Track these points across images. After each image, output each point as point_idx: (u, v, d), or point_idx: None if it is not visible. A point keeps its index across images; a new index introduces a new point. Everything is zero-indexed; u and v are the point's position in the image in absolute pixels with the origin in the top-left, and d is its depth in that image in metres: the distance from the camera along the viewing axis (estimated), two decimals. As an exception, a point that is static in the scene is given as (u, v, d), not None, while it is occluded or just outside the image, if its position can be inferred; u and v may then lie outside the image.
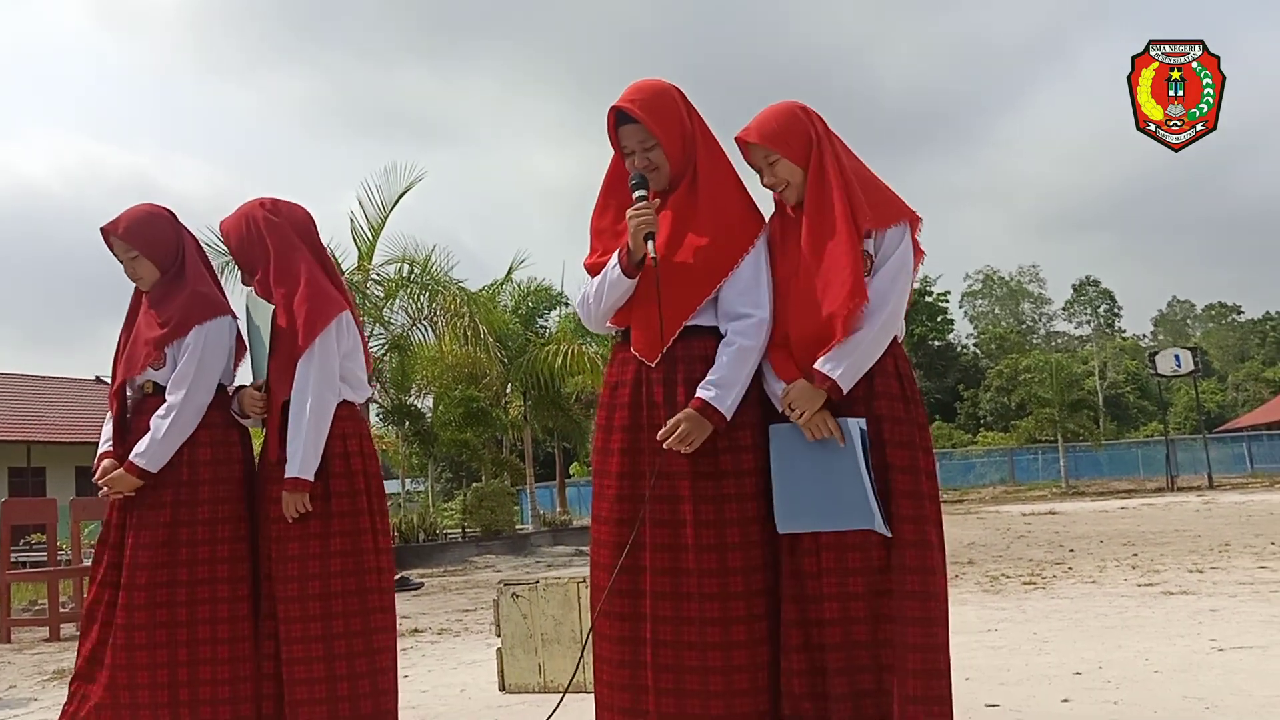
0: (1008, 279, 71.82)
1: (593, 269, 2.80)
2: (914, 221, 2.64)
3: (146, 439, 3.12)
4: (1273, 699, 3.41)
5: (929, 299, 53.18)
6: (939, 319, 54.13)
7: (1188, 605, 5.64)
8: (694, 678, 2.52)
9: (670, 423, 2.55)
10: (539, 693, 4.23)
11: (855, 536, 2.50)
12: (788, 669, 2.54)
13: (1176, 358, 29.05)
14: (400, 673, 5.16)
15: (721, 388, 2.57)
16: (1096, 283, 69.28)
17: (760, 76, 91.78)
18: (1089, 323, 68.35)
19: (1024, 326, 69.45)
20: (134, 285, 3.36)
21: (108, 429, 3.28)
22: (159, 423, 3.13)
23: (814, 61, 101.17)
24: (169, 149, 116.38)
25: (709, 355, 2.66)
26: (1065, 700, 3.58)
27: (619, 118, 2.74)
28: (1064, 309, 70.54)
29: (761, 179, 2.72)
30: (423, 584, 10.98)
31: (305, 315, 3.12)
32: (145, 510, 3.13)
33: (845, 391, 2.51)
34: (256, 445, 3.36)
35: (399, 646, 6.06)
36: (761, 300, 2.65)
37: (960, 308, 68.15)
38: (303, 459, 3.03)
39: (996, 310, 71.41)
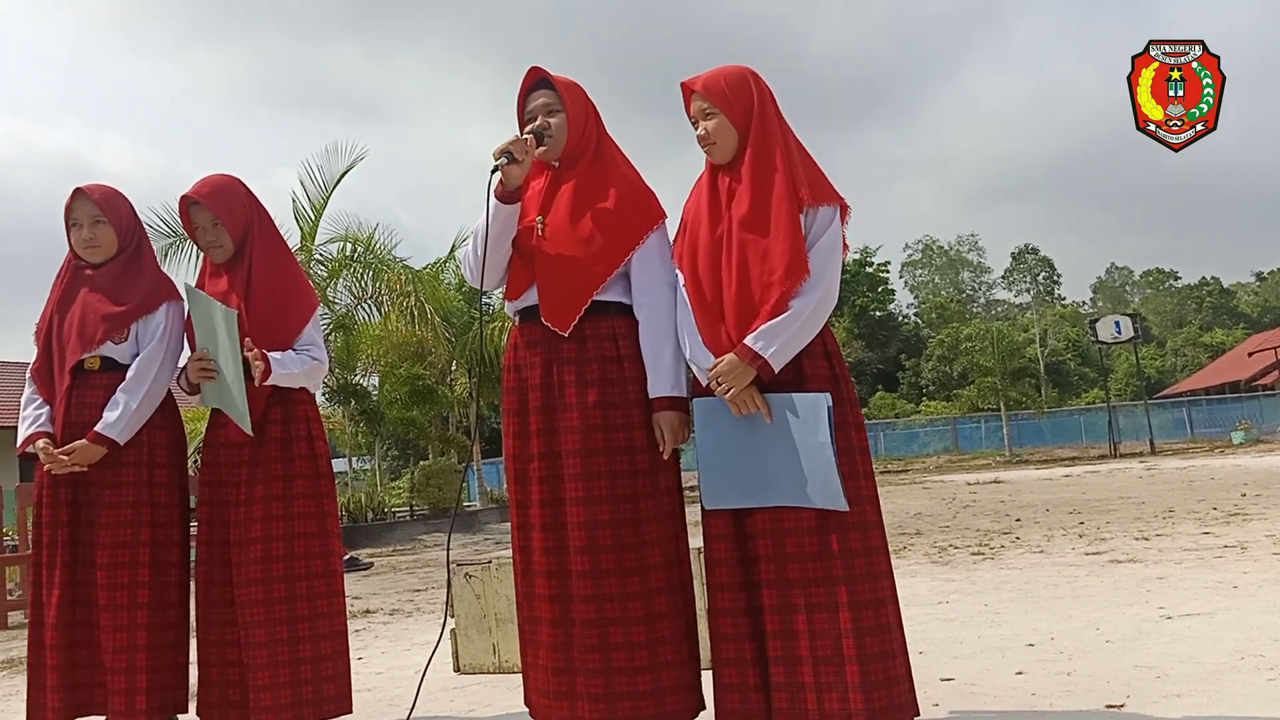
0: (947, 248, 72.67)
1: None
2: (844, 209, 2.62)
3: (118, 412, 3.10)
4: (1221, 665, 3.46)
5: (869, 269, 53.65)
6: (880, 289, 54.65)
7: (1135, 573, 5.72)
8: (620, 654, 2.51)
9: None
10: (494, 673, 4.19)
11: (790, 522, 2.47)
12: (719, 659, 2.52)
13: (1117, 324, 29.48)
14: (354, 655, 5.12)
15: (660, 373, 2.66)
16: (1035, 250, 70.20)
17: (692, 47, 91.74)
18: (1029, 291, 69.29)
19: (964, 295, 70.31)
20: (64, 263, 3.31)
21: (34, 409, 3.19)
22: (129, 397, 3.11)
23: (748, 32, 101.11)
24: (97, 127, 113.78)
25: (617, 333, 2.67)
26: (1019, 672, 3.60)
27: (533, 85, 2.79)
28: (1003, 277, 71.56)
29: (695, 129, 2.71)
30: (372, 564, 10.88)
31: (297, 306, 3.25)
32: (105, 490, 3.11)
33: (776, 371, 2.48)
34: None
35: (351, 628, 6.00)
36: (662, 278, 2.70)
37: (900, 278, 69.04)
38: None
39: (936, 280, 72.19)
